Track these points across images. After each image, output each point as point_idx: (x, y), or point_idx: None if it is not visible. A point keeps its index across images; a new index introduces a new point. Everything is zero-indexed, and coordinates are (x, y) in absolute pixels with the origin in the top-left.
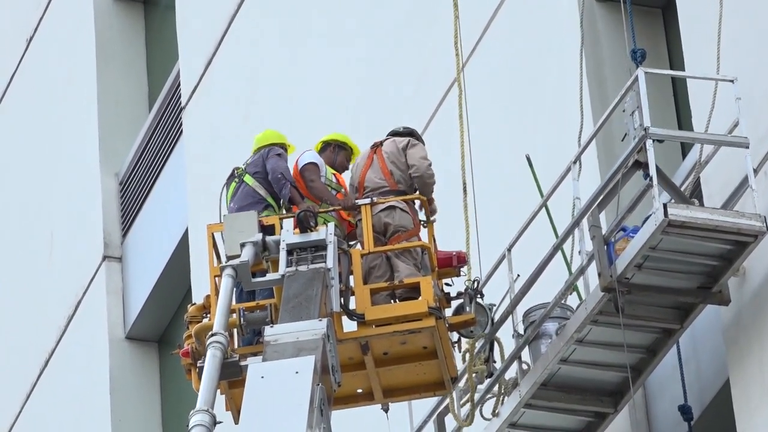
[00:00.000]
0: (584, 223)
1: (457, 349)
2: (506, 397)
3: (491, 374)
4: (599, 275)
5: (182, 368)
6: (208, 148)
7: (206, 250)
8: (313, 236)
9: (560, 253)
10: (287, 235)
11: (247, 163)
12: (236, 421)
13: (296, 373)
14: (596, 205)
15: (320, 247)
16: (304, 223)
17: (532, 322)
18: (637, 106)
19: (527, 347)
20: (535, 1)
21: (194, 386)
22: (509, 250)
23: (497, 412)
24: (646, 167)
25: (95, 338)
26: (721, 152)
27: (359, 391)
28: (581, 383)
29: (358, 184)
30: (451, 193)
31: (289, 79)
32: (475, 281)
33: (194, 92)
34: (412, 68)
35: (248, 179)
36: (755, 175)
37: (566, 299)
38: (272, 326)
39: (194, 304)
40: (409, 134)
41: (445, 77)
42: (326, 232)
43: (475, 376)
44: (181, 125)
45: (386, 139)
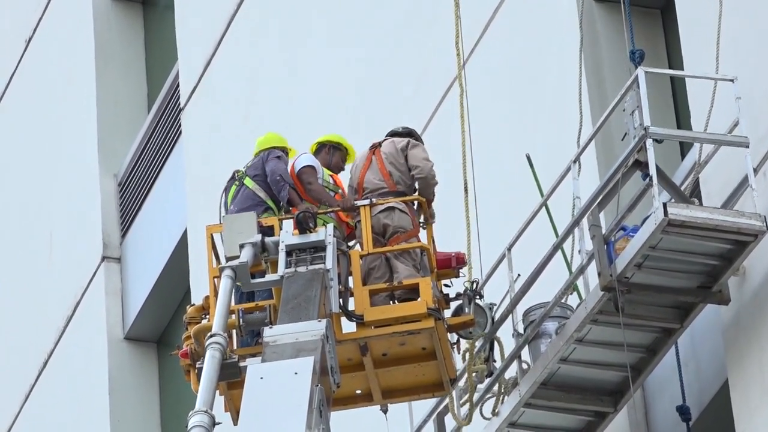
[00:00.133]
0: (584, 222)
1: (456, 349)
2: (506, 396)
3: (491, 373)
4: (599, 274)
5: (181, 369)
6: (207, 148)
7: (205, 250)
8: (312, 237)
9: (560, 252)
10: (286, 236)
11: (247, 165)
12: (235, 422)
13: (295, 374)
14: (596, 204)
15: (319, 248)
16: (303, 224)
17: (531, 321)
18: (637, 105)
19: (527, 346)
20: (534, 1)
21: (193, 387)
22: (509, 249)
23: (497, 411)
24: (645, 167)
25: (94, 339)
26: (720, 152)
27: (358, 392)
28: (581, 383)
29: (357, 185)
30: (450, 192)
31: (288, 79)
32: (474, 282)
33: (193, 93)
34: (412, 68)
35: (248, 182)
36: (755, 174)
37: (566, 299)
38: (271, 327)
39: (193, 304)
40: (408, 134)
41: (445, 77)
42: (325, 233)
43: (475, 375)
44: (180, 126)
45: (385, 139)
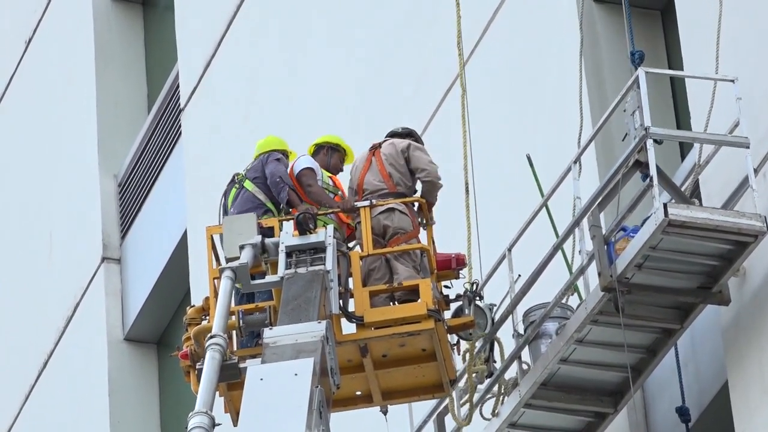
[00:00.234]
0: (584, 222)
1: (456, 350)
2: (506, 396)
3: (491, 374)
4: (599, 275)
5: (181, 370)
6: (207, 149)
7: (205, 251)
8: (312, 238)
9: (560, 252)
10: (286, 237)
11: (247, 168)
12: (235, 423)
13: (295, 375)
14: (596, 205)
15: (319, 249)
16: (303, 225)
17: (532, 321)
18: (637, 106)
19: (527, 347)
20: (534, 2)
21: (193, 388)
22: (509, 249)
23: (497, 412)
24: (646, 167)
25: (94, 340)
26: (720, 153)
27: (358, 393)
28: (581, 383)
29: (356, 186)
30: (450, 193)
31: (288, 79)
32: (474, 283)
33: (193, 93)
34: (412, 68)
35: (248, 185)
36: (755, 175)
37: (566, 299)
38: (271, 328)
39: (193, 305)
40: (408, 135)
41: (445, 77)
42: (325, 234)
43: (475, 376)
44: (180, 126)
45: (385, 140)
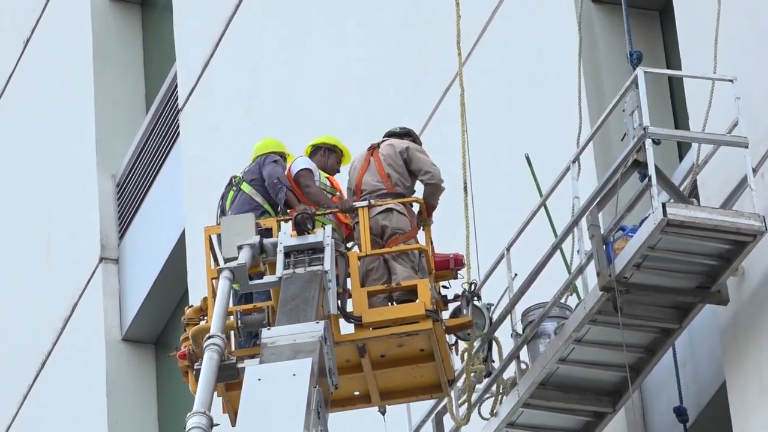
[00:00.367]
0: (583, 222)
1: (454, 350)
2: (505, 396)
3: (489, 374)
4: (598, 275)
5: (179, 370)
6: (205, 149)
7: (203, 252)
8: (310, 239)
9: (559, 252)
10: (284, 237)
11: (244, 171)
12: (233, 423)
13: (293, 375)
14: (595, 204)
15: (318, 249)
16: (301, 225)
17: (530, 321)
18: (636, 105)
19: (526, 347)
20: (533, 2)
21: (191, 388)
22: (508, 249)
23: (496, 411)
24: (644, 167)
25: (92, 340)
26: (719, 152)
27: (356, 393)
28: (580, 383)
29: (355, 186)
30: (449, 193)
31: (287, 79)
32: (472, 284)
33: (191, 94)
34: (411, 68)
35: (245, 187)
36: (754, 174)
37: (565, 299)
38: (269, 328)
39: (191, 306)
40: (405, 134)
41: (444, 77)
42: (324, 234)
43: (473, 375)
44: (178, 127)
45: (383, 140)
